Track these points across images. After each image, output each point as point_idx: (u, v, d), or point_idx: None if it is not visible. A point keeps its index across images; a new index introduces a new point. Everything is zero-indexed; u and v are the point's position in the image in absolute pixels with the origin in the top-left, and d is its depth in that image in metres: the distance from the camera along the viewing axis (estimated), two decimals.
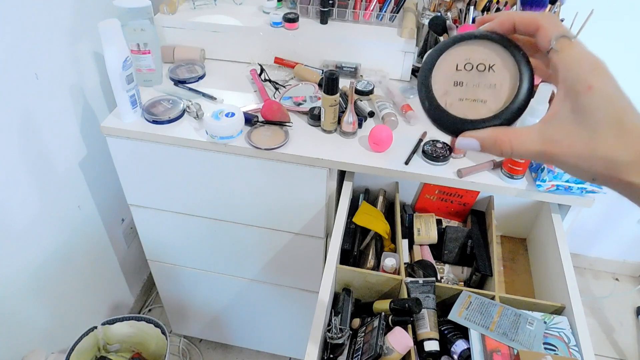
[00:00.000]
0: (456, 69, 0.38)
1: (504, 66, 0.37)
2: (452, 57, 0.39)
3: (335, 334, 0.91)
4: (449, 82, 0.39)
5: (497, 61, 0.37)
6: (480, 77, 0.38)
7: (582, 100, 0.31)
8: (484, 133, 0.36)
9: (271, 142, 1.08)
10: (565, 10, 1.09)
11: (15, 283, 1.18)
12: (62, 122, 1.24)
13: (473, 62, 0.38)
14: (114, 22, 1.01)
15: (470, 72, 0.38)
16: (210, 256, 1.42)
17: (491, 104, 0.37)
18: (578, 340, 0.87)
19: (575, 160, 0.31)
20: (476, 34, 0.38)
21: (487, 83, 0.38)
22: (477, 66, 0.38)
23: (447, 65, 0.39)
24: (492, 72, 0.38)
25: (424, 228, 1.15)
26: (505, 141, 0.34)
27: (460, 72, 0.38)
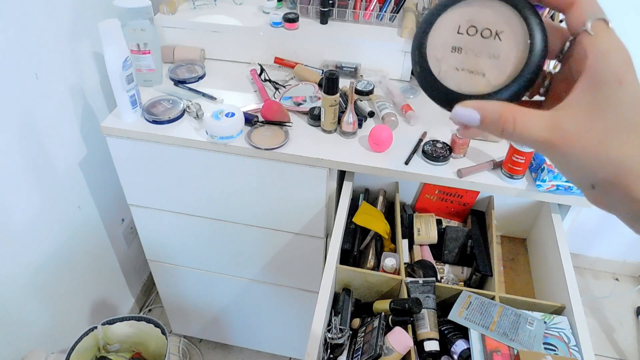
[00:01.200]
0: (457, 32, 0.33)
1: (514, 35, 0.32)
2: (455, 16, 0.33)
3: (335, 334, 0.91)
4: (446, 47, 0.34)
5: (506, 28, 0.32)
6: (484, 45, 0.33)
7: (608, 94, 0.27)
8: (488, 105, 0.31)
9: (271, 142, 1.08)
10: None
11: (15, 283, 1.18)
12: (62, 122, 1.24)
13: (478, 25, 0.33)
14: (114, 22, 1.01)
15: (472, 37, 0.33)
16: (210, 256, 1.42)
17: (491, 77, 0.32)
18: (578, 340, 0.87)
19: (581, 158, 0.28)
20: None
21: (490, 52, 0.32)
22: (482, 31, 0.33)
23: (448, 25, 0.33)
24: (497, 40, 0.32)
25: (424, 228, 1.15)
26: (509, 119, 0.30)
27: (462, 36, 0.33)
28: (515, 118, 0.30)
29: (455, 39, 0.33)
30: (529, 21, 0.31)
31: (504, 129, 0.30)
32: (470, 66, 0.33)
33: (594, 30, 0.28)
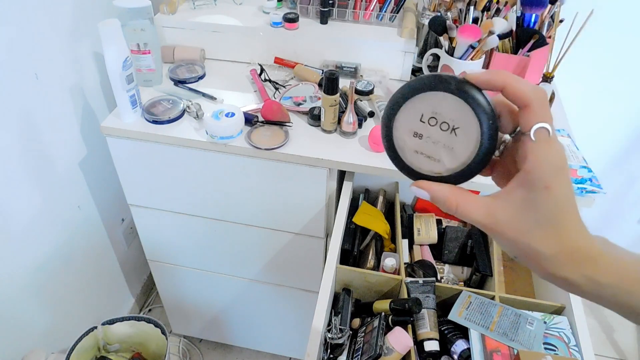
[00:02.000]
0: (420, 119, 0.37)
1: (468, 132, 0.35)
2: (422, 103, 0.36)
3: (335, 334, 0.91)
4: (409, 131, 0.37)
5: (462, 125, 0.35)
6: (441, 136, 0.36)
7: (536, 196, 0.33)
8: (436, 188, 0.37)
9: (271, 142, 1.08)
10: (565, 10, 1.09)
11: (15, 283, 1.18)
12: (62, 122, 1.24)
13: (439, 118, 0.36)
14: (114, 22, 1.01)
15: (432, 127, 0.36)
16: (210, 256, 1.42)
17: (445, 164, 0.37)
18: (578, 340, 0.87)
19: (507, 240, 0.35)
20: (452, 85, 0.35)
21: (446, 144, 0.36)
22: (441, 124, 0.36)
23: (414, 111, 0.37)
24: (454, 134, 0.36)
25: (424, 228, 1.15)
26: (453, 203, 0.36)
27: (423, 124, 0.37)
28: (458, 203, 0.36)
29: (417, 125, 0.37)
30: (482, 123, 0.35)
31: (448, 208, 0.36)
32: (428, 152, 0.37)
33: (536, 137, 0.33)
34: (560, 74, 1.12)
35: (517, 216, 0.34)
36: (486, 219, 0.35)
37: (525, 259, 0.35)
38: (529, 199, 0.33)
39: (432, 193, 0.37)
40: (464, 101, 0.35)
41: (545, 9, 1.09)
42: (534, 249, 0.34)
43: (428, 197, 0.37)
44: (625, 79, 1.47)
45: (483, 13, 1.15)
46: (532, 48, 1.12)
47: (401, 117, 0.37)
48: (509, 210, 0.34)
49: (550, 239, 0.33)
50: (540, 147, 0.33)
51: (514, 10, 1.13)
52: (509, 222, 0.34)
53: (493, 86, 0.35)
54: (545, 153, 0.33)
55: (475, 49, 1.11)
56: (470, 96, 0.34)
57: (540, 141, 0.33)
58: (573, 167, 1.00)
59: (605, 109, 1.55)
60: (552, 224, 0.33)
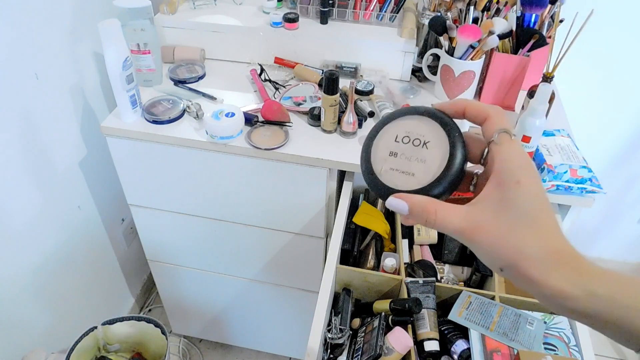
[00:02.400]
0: (395, 140, 0.40)
1: (438, 144, 0.39)
2: (396, 128, 0.41)
3: (335, 334, 0.91)
4: (386, 151, 0.40)
5: (432, 139, 0.39)
6: (414, 151, 0.39)
7: (509, 193, 0.33)
8: (415, 198, 0.37)
9: (271, 142, 1.08)
10: (565, 10, 1.09)
11: (15, 283, 1.18)
12: (62, 122, 1.24)
13: (411, 136, 0.40)
14: (114, 22, 1.01)
15: (406, 145, 0.40)
16: (210, 256, 1.42)
17: (419, 177, 0.39)
18: (578, 340, 0.87)
19: (489, 245, 0.34)
20: (421, 110, 0.40)
21: (419, 157, 0.39)
22: (414, 140, 0.40)
23: (389, 135, 0.41)
24: (425, 148, 0.39)
25: (424, 228, 1.15)
26: (432, 211, 0.36)
27: (398, 144, 0.40)
28: (436, 210, 0.36)
29: (393, 145, 0.40)
30: (451, 136, 0.38)
31: (427, 219, 0.36)
32: (403, 167, 0.40)
33: (500, 141, 0.35)
34: (560, 74, 1.12)
35: (497, 216, 0.34)
36: (465, 223, 0.35)
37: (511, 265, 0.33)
38: (504, 197, 0.33)
39: (410, 202, 0.37)
40: (432, 119, 0.39)
41: (545, 9, 1.09)
42: (518, 249, 0.33)
43: (405, 209, 0.37)
44: (625, 79, 1.47)
45: (483, 13, 1.15)
46: (532, 48, 1.12)
47: (379, 140, 0.41)
48: (487, 212, 0.34)
49: (534, 236, 0.33)
50: (504, 148, 0.35)
51: (514, 10, 1.13)
52: (489, 224, 0.34)
53: (455, 110, 0.38)
54: (510, 151, 0.34)
55: (475, 49, 1.11)
56: (437, 114, 0.39)
57: (503, 143, 0.35)
58: (573, 167, 1.00)
59: (605, 109, 1.55)
60: (532, 219, 0.33)
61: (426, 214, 0.36)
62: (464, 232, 0.35)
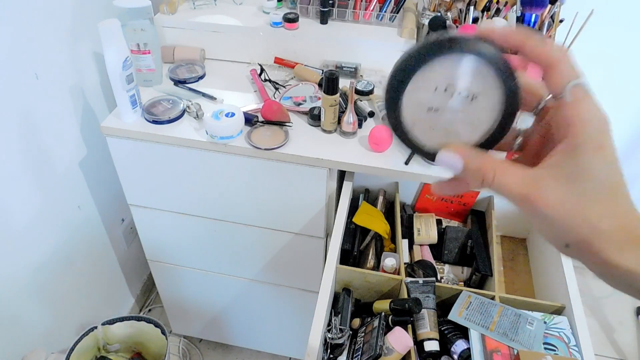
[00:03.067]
0: (434, 90, 0.32)
1: (489, 97, 0.32)
2: (433, 73, 0.31)
3: (335, 334, 0.91)
4: (422, 106, 0.33)
5: (482, 90, 0.32)
6: (460, 106, 0.32)
7: (588, 160, 0.29)
8: (471, 153, 0.32)
9: (271, 142, 1.08)
10: (565, 10, 1.09)
11: (15, 283, 1.18)
12: (62, 122, 1.24)
13: (456, 86, 0.32)
14: (114, 22, 1.01)
15: (449, 98, 0.32)
16: (210, 256, 1.42)
17: (465, 136, 0.33)
18: (578, 340, 0.87)
19: (556, 216, 0.29)
20: (469, 46, 0.30)
21: (466, 114, 0.32)
22: (460, 92, 0.32)
23: (425, 83, 0.32)
24: (474, 102, 0.32)
25: (424, 228, 1.15)
26: (490, 170, 0.31)
27: (438, 96, 0.32)
28: (495, 170, 0.31)
29: (432, 97, 0.32)
30: (508, 87, 0.31)
31: (484, 179, 0.31)
32: (446, 126, 0.33)
33: (574, 97, 0.29)
34: None
35: (570, 185, 0.29)
36: (529, 189, 0.29)
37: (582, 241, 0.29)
38: (582, 164, 0.29)
39: (465, 157, 0.31)
40: (484, 62, 0.31)
41: (545, 9, 1.10)
42: (592, 224, 0.28)
43: (459, 166, 0.32)
44: (625, 79, 1.47)
45: (483, 13, 1.15)
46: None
47: (412, 90, 0.32)
48: (558, 179, 0.29)
49: (611, 211, 0.28)
50: (582, 106, 0.29)
51: (514, 10, 1.13)
52: (560, 193, 0.29)
53: (509, 43, 0.31)
54: (590, 110, 0.29)
55: None
56: (490, 55, 0.30)
57: (580, 100, 0.29)
58: None
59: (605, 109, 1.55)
60: (611, 193, 0.28)
61: (483, 173, 0.31)
62: (528, 198, 0.30)
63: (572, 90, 0.29)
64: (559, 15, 1.08)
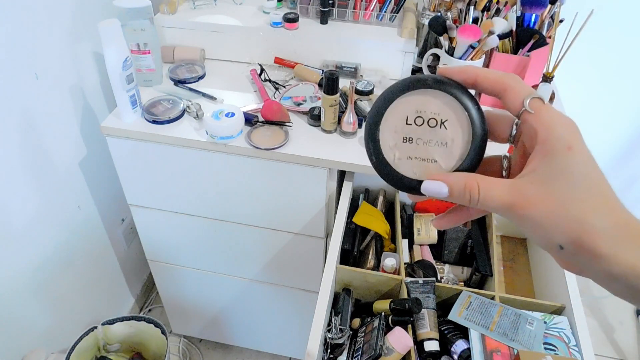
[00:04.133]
0: (406, 122, 0.35)
1: (457, 122, 0.34)
2: (403, 107, 0.35)
3: (335, 334, 0.91)
4: (398, 137, 0.35)
5: (450, 116, 0.34)
6: (432, 134, 0.35)
7: (561, 161, 0.30)
8: (452, 177, 0.33)
9: (271, 142, 1.08)
10: (565, 10, 1.09)
11: (15, 283, 1.18)
12: (62, 122, 1.24)
13: (424, 115, 0.35)
14: (114, 22, 1.01)
15: (420, 127, 0.35)
16: (210, 256, 1.42)
17: (442, 162, 0.35)
18: (578, 340, 0.87)
19: (545, 219, 0.29)
20: (429, 81, 0.34)
21: (438, 140, 0.35)
22: (429, 121, 0.35)
23: (397, 116, 0.35)
24: (444, 128, 0.34)
25: (424, 228, 1.15)
26: (474, 186, 0.32)
27: (410, 127, 0.35)
28: (479, 185, 0.32)
29: (405, 129, 0.35)
30: (469, 108, 0.34)
31: (470, 196, 0.32)
32: (422, 154, 0.35)
33: (533, 108, 0.31)
34: (560, 74, 1.12)
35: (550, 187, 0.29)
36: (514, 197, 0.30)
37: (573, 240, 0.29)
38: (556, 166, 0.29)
39: (448, 182, 0.33)
40: (446, 93, 0.34)
41: (545, 9, 1.09)
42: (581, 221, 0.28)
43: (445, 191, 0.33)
44: (625, 79, 1.47)
45: (483, 13, 1.15)
46: (532, 48, 1.12)
47: (386, 125, 0.35)
48: (538, 183, 0.30)
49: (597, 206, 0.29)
50: (543, 114, 0.31)
51: (514, 10, 1.13)
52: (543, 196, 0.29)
53: (464, 79, 0.34)
54: (553, 116, 0.31)
55: (475, 49, 1.11)
56: (450, 86, 0.34)
57: (540, 109, 0.31)
58: None
59: (605, 109, 1.55)
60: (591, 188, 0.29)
61: (469, 190, 0.32)
62: (513, 206, 0.30)
63: (530, 103, 0.31)
64: (559, 15, 1.08)
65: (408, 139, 0.35)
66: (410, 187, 0.35)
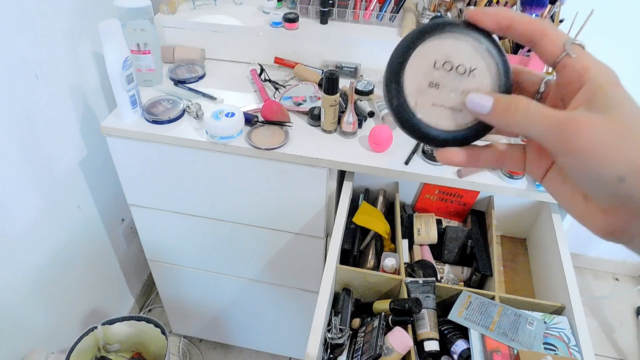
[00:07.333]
0: (434, 66, 0.33)
1: (487, 72, 0.33)
2: (432, 50, 0.33)
3: (335, 334, 0.91)
4: (423, 81, 0.33)
5: (480, 64, 0.33)
6: (459, 81, 0.33)
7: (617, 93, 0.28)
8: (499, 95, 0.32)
9: (271, 142, 1.08)
10: (565, 10, 1.09)
11: (15, 283, 1.18)
12: (62, 122, 1.24)
13: (454, 61, 0.33)
14: (114, 22, 1.01)
15: (448, 73, 0.33)
16: (210, 256, 1.42)
17: (467, 113, 0.33)
18: (578, 340, 0.87)
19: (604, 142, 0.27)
20: (462, 25, 0.32)
21: (465, 89, 0.33)
22: (457, 67, 0.33)
23: (424, 59, 0.33)
24: (472, 77, 0.33)
25: (424, 228, 1.15)
26: (523, 102, 0.30)
27: (438, 72, 0.33)
28: (529, 101, 0.30)
29: (432, 73, 0.33)
30: (499, 59, 0.33)
31: (517, 110, 0.30)
32: (447, 102, 0.33)
33: (576, 52, 0.30)
34: None
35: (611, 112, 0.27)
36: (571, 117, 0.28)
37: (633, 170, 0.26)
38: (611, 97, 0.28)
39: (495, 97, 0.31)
40: (478, 40, 0.32)
41: (545, 9, 1.09)
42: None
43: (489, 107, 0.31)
44: (625, 79, 1.47)
45: None
46: None
47: (412, 66, 0.33)
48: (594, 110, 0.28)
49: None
50: (589, 57, 0.30)
51: (514, 9, 1.13)
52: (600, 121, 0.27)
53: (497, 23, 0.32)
54: (596, 60, 0.29)
55: None
56: (483, 34, 0.32)
57: (583, 53, 0.30)
58: None
59: None
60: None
61: (515, 105, 0.30)
62: (569, 125, 0.28)
63: (571, 47, 0.30)
64: (559, 15, 1.08)
65: (435, 84, 0.33)
66: (428, 137, 0.34)
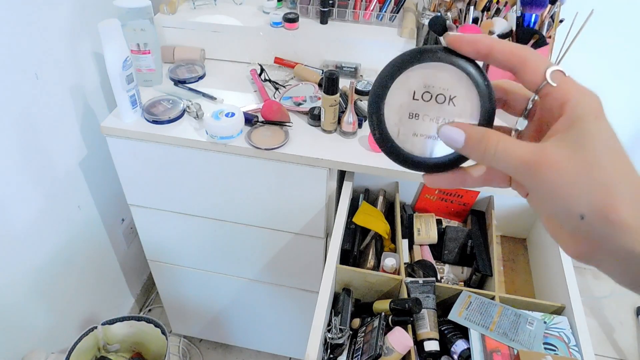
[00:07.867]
0: (412, 97, 0.33)
1: (467, 99, 0.32)
2: (410, 80, 0.33)
3: (335, 334, 0.91)
4: (404, 112, 0.34)
5: (459, 92, 0.32)
6: (439, 110, 0.33)
7: (589, 127, 0.28)
8: (472, 127, 0.32)
9: (271, 142, 1.08)
10: (565, 10, 1.09)
11: (15, 283, 1.18)
12: (62, 122, 1.24)
13: (432, 90, 0.33)
14: (114, 22, 1.01)
15: (427, 103, 0.33)
16: (210, 256, 1.42)
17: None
18: (578, 340, 0.87)
19: (567, 181, 0.28)
20: (438, 54, 0.32)
21: (445, 117, 0.33)
22: (437, 97, 0.33)
23: (403, 90, 0.33)
24: (452, 105, 0.33)
25: (424, 228, 1.15)
26: (493, 140, 0.30)
27: (417, 102, 0.33)
28: (499, 139, 0.30)
29: (411, 104, 0.33)
30: (479, 85, 0.32)
31: (486, 148, 0.30)
32: (428, 131, 0.33)
33: (558, 80, 0.30)
34: None
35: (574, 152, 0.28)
36: (537, 156, 0.28)
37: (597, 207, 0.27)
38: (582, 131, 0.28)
39: (467, 130, 0.31)
40: (457, 67, 0.32)
41: (545, 9, 1.10)
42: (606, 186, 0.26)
43: (461, 139, 0.31)
44: (625, 79, 1.47)
45: (483, 13, 1.15)
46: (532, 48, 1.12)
47: (391, 99, 0.33)
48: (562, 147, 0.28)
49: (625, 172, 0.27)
50: (570, 86, 0.29)
51: (514, 10, 1.13)
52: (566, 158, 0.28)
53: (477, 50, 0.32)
54: (579, 89, 0.29)
55: None
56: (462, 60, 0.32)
57: (565, 81, 0.30)
58: None
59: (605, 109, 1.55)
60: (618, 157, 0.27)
61: (486, 142, 0.30)
62: (535, 165, 0.28)
63: (552, 75, 0.30)
64: (559, 15, 1.08)
65: (414, 114, 0.33)
66: (412, 164, 0.34)
